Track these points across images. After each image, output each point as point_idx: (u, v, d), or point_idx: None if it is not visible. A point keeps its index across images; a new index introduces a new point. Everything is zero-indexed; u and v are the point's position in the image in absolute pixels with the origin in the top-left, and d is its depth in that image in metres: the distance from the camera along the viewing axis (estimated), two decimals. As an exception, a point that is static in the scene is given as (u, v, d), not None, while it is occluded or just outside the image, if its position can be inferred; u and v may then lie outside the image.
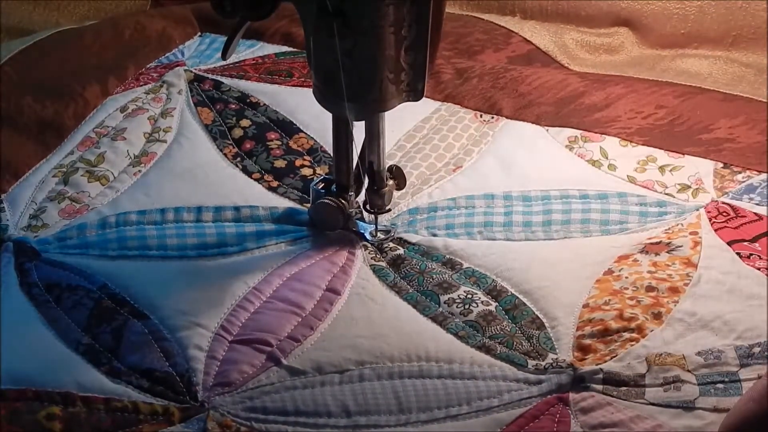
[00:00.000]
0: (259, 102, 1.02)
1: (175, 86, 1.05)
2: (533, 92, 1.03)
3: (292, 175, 0.92)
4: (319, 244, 0.84)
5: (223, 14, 0.74)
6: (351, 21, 0.71)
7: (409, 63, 0.75)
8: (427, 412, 0.70)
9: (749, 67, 1.13)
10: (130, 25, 1.15)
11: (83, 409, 0.70)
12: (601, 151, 0.94)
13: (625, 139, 0.96)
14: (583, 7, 1.20)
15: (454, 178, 0.92)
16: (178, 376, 0.72)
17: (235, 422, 0.69)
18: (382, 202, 0.84)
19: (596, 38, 1.18)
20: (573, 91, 1.02)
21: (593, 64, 1.14)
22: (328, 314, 0.77)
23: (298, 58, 1.11)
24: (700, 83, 1.06)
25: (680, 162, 0.92)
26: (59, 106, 1.00)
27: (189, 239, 0.84)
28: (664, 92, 1.02)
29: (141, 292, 0.78)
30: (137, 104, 1.02)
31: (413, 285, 0.80)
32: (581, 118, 0.99)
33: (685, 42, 1.17)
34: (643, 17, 1.18)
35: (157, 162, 0.94)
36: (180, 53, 1.13)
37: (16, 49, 1.10)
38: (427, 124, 0.99)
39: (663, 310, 0.77)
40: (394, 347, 0.74)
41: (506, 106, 1.01)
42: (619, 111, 0.99)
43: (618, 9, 1.20)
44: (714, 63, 1.14)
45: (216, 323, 0.76)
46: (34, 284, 0.79)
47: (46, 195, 0.90)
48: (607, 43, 1.18)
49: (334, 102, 0.77)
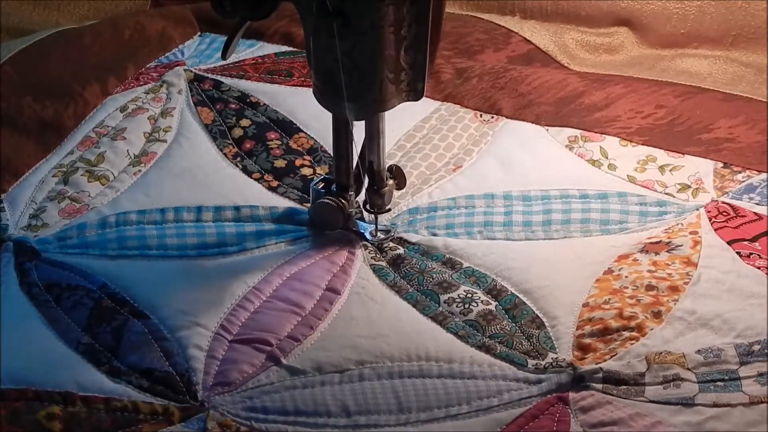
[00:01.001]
0: (259, 102, 1.02)
1: (175, 86, 1.05)
2: (533, 92, 1.03)
3: (292, 175, 0.92)
4: (319, 244, 0.84)
5: (223, 14, 0.74)
6: (351, 21, 0.71)
7: (409, 63, 0.75)
8: (427, 412, 0.70)
9: (749, 67, 1.13)
10: (130, 25, 1.15)
11: (83, 408, 0.70)
12: (601, 150, 0.94)
13: (625, 138, 0.96)
14: (583, 7, 1.20)
15: (454, 177, 0.92)
16: (178, 376, 0.72)
17: (234, 422, 0.69)
18: (382, 202, 0.84)
19: (596, 38, 1.18)
20: (573, 90, 1.02)
21: (593, 64, 1.14)
22: (328, 314, 0.77)
23: (297, 57, 1.11)
24: (699, 83, 1.06)
25: (680, 162, 0.92)
26: (59, 106, 1.00)
27: (189, 239, 0.84)
28: (664, 92, 1.02)
29: (141, 292, 0.78)
30: (137, 104, 1.02)
31: (413, 284, 0.80)
32: (581, 118, 0.99)
33: (685, 42, 1.17)
34: (643, 17, 1.18)
35: (157, 162, 0.94)
36: (180, 53, 1.13)
37: (16, 49, 1.10)
38: (427, 124, 0.99)
39: (663, 309, 0.77)
40: (393, 347, 0.74)
41: (506, 106, 1.01)
42: (619, 111, 0.99)
43: (618, 9, 1.20)
44: (714, 63, 1.14)
45: (216, 323, 0.76)
46: (34, 284, 0.79)
47: (46, 195, 0.90)
48: (607, 43, 1.18)
49: (334, 102, 0.77)
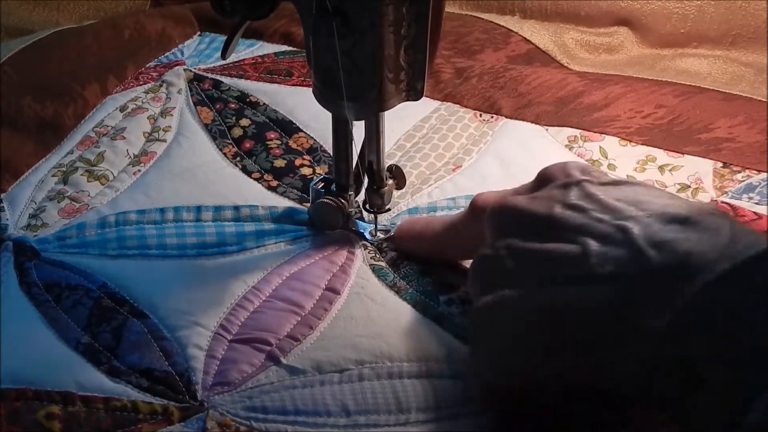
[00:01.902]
0: (258, 101, 1.02)
1: (174, 86, 1.05)
2: (533, 92, 1.03)
3: (292, 175, 0.92)
4: (318, 244, 0.84)
5: (223, 14, 0.74)
6: (350, 20, 0.71)
7: (409, 62, 0.75)
8: (427, 412, 0.70)
9: (749, 67, 1.13)
10: (130, 25, 1.15)
11: (83, 408, 0.70)
12: (601, 150, 0.94)
13: (624, 138, 0.96)
14: (583, 7, 1.20)
15: (454, 177, 0.92)
16: (177, 376, 0.72)
17: (234, 421, 0.69)
18: (381, 202, 0.84)
19: (596, 38, 1.18)
20: (572, 90, 1.03)
21: (593, 64, 1.14)
22: (328, 313, 0.77)
23: (297, 57, 1.11)
24: (699, 83, 1.06)
25: (680, 161, 0.92)
26: (59, 105, 1.00)
27: (188, 239, 0.84)
28: (663, 92, 1.02)
29: (140, 292, 0.78)
30: (137, 104, 1.02)
31: (413, 285, 0.80)
32: (581, 118, 0.99)
33: (685, 41, 1.17)
34: (642, 17, 1.19)
35: (157, 161, 0.94)
36: (180, 53, 1.13)
37: (16, 49, 1.10)
38: (426, 124, 0.99)
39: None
40: (393, 347, 0.74)
41: (506, 106, 1.01)
42: (619, 110, 0.99)
43: (618, 8, 1.20)
44: (713, 62, 1.14)
45: (215, 322, 0.76)
46: (34, 284, 0.79)
47: (45, 194, 0.90)
48: (606, 43, 1.18)
49: (333, 101, 0.77)
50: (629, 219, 0.60)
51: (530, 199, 0.66)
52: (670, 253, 0.56)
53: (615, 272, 0.57)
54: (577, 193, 0.64)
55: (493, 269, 0.64)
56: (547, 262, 0.61)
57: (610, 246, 0.58)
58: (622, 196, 0.62)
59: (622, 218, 0.60)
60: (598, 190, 0.63)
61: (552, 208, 0.63)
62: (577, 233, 0.61)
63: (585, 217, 0.61)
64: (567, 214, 0.62)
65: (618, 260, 0.58)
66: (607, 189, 0.64)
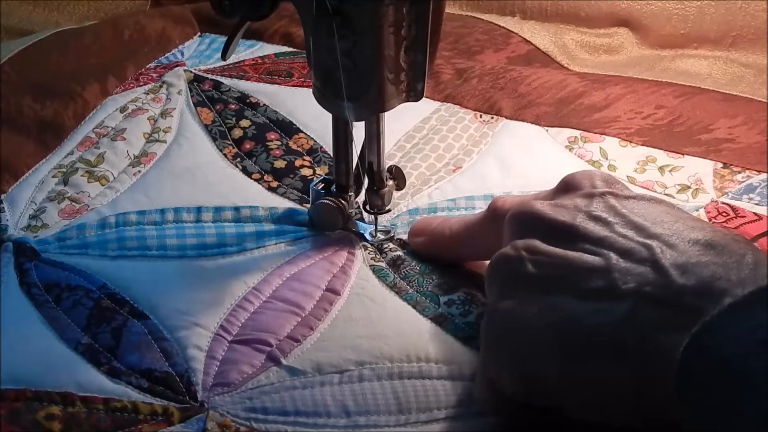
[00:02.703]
0: (258, 102, 1.02)
1: (174, 86, 1.05)
2: (533, 92, 1.03)
3: (292, 176, 0.92)
4: (318, 245, 0.84)
5: (223, 14, 0.74)
6: (350, 21, 0.71)
7: (409, 63, 0.75)
8: (427, 413, 0.70)
9: (749, 68, 1.13)
10: (130, 25, 1.15)
11: (83, 409, 0.69)
12: (601, 151, 0.94)
13: (624, 139, 0.96)
14: (583, 8, 1.20)
15: (454, 178, 0.92)
16: (177, 376, 0.72)
17: (234, 422, 0.69)
18: (381, 203, 0.84)
19: (596, 38, 1.18)
20: (573, 91, 1.03)
21: (593, 65, 1.14)
22: (328, 314, 0.77)
23: (297, 58, 1.11)
24: (699, 83, 1.06)
25: (680, 162, 0.92)
26: (59, 106, 1.00)
27: (188, 239, 0.84)
28: (663, 92, 1.02)
29: (140, 292, 0.78)
30: (137, 104, 1.02)
31: (413, 285, 0.80)
32: (581, 119, 0.99)
33: (685, 42, 1.17)
34: (642, 17, 1.19)
35: (157, 162, 0.94)
36: (180, 53, 1.13)
37: (15, 49, 1.10)
38: (426, 125, 0.99)
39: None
40: (393, 348, 0.74)
41: (506, 107, 1.01)
42: (619, 111, 0.99)
43: (618, 9, 1.20)
44: (714, 63, 1.14)
45: (215, 323, 0.76)
46: (34, 284, 0.79)
47: (45, 195, 0.90)
48: (606, 44, 1.18)
49: (333, 102, 0.77)
50: (653, 238, 0.60)
51: (553, 206, 0.65)
52: (695, 275, 0.56)
53: (637, 289, 0.57)
54: (601, 204, 0.64)
55: (514, 271, 0.64)
56: (569, 271, 0.60)
57: (633, 263, 0.58)
58: (646, 213, 0.62)
59: (646, 236, 0.60)
60: (623, 204, 0.63)
61: (575, 218, 0.63)
62: (600, 246, 0.60)
63: (608, 230, 0.61)
64: (590, 225, 0.62)
65: (641, 278, 0.57)
66: (631, 203, 0.64)
